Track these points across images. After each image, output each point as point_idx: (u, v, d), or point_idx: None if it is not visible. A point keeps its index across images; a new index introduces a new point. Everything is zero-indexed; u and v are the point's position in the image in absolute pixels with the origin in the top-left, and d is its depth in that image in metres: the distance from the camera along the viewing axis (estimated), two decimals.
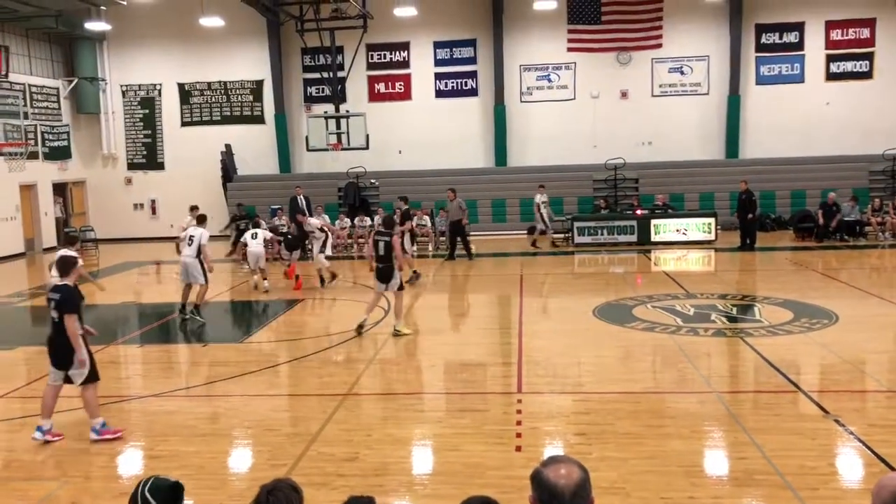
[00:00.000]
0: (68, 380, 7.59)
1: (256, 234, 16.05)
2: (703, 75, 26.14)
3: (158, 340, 12.68)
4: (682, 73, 26.18)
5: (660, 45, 26.07)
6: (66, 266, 7.77)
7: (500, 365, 10.17)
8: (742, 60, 25.66)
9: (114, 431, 7.59)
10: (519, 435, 7.32)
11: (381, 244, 11.52)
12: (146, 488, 3.12)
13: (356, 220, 22.84)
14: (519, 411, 8.01)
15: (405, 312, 12.40)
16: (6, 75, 17.14)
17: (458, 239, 20.00)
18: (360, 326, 11.69)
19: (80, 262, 12.35)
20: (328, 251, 16.68)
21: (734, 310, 13.03)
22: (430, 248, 22.28)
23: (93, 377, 7.60)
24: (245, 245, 16.21)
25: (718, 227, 21.85)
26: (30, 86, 24.79)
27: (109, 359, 11.19)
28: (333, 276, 16.41)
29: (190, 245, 13.02)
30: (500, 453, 6.91)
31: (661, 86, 26.32)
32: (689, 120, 26.26)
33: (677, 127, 26.12)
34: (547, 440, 7.33)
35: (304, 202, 22.59)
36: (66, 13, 24.49)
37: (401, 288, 11.72)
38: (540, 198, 21.91)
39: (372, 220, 22.75)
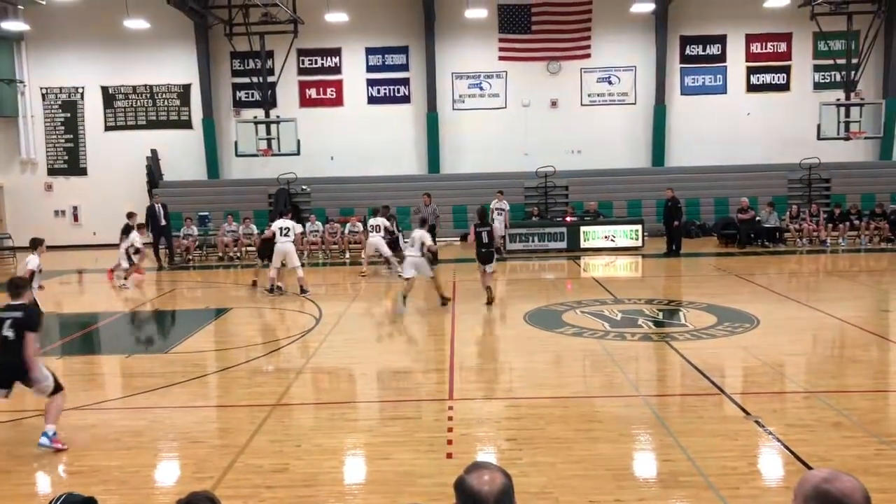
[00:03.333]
0: None
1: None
2: (630, 85, 26.76)
3: (80, 352, 12.26)
4: (609, 82, 26.75)
5: (588, 56, 26.59)
6: (18, 287, 7.73)
7: (432, 372, 10.16)
8: (667, 71, 26.39)
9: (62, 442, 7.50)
10: (450, 442, 7.32)
11: (484, 234, 14.40)
12: None
13: None
14: (450, 418, 8.02)
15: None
16: None
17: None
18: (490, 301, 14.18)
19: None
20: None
21: (660, 314, 13.33)
22: (363, 255, 22.11)
23: (59, 387, 7.69)
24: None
25: (645, 233, 22.39)
26: None
27: None
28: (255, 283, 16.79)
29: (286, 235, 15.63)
30: (431, 461, 6.90)
31: (589, 95, 26.85)
32: (616, 129, 26.83)
33: (606, 135, 26.66)
34: (478, 446, 7.34)
35: (161, 210, 21.69)
36: None
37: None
38: (496, 203, 21.54)
39: (304, 226, 22.50)
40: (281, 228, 15.85)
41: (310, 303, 15.08)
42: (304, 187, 25.73)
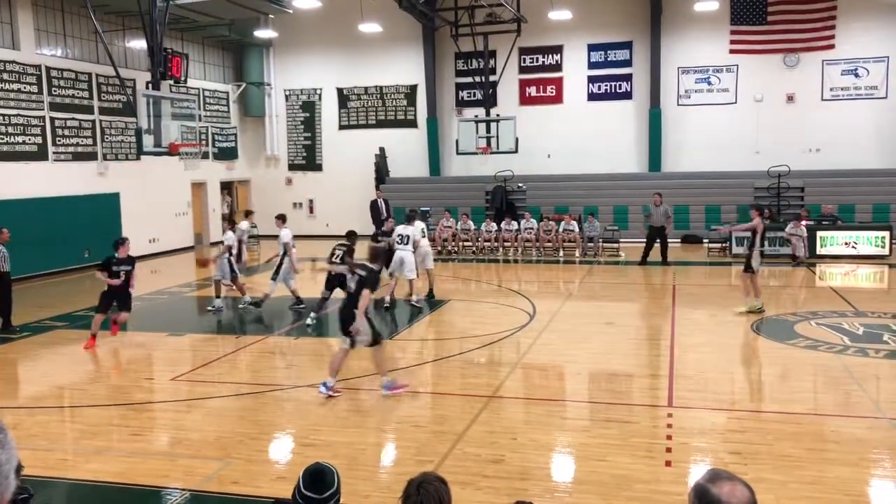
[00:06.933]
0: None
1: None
2: (881, 77, 24.31)
3: (311, 333, 13.22)
4: (856, 75, 24.46)
5: (832, 46, 24.49)
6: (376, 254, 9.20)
7: (649, 377, 9.87)
8: None
9: (401, 386, 9.01)
10: (669, 450, 7.06)
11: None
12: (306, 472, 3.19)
13: (503, 224, 22.91)
14: (669, 425, 7.74)
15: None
16: (185, 81, 18.47)
17: (657, 244, 19.63)
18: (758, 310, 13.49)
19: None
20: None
21: None
22: (577, 253, 21.99)
23: (376, 341, 9.04)
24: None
25: (894, 241, 20.23)
26: (203, 90, 26.62)
27: (267, 349, 11.81)
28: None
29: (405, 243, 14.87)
30: (648, 467, 6.70)
31: (832, 89, 24.73)
32: (862, 126, 24.50)
33: (849, 133, 24.44)
34: (699, 457, 7.03)
35: (383, 205, 22.36)
36: (238, 22, 26.09)
37: (750, 270, 13.70)
38: None
39: (519, 224, 22.73)
40: (401, 236, 15.03)
41: (524, 299, 15.19)
42: (520, 185, 25.98)
